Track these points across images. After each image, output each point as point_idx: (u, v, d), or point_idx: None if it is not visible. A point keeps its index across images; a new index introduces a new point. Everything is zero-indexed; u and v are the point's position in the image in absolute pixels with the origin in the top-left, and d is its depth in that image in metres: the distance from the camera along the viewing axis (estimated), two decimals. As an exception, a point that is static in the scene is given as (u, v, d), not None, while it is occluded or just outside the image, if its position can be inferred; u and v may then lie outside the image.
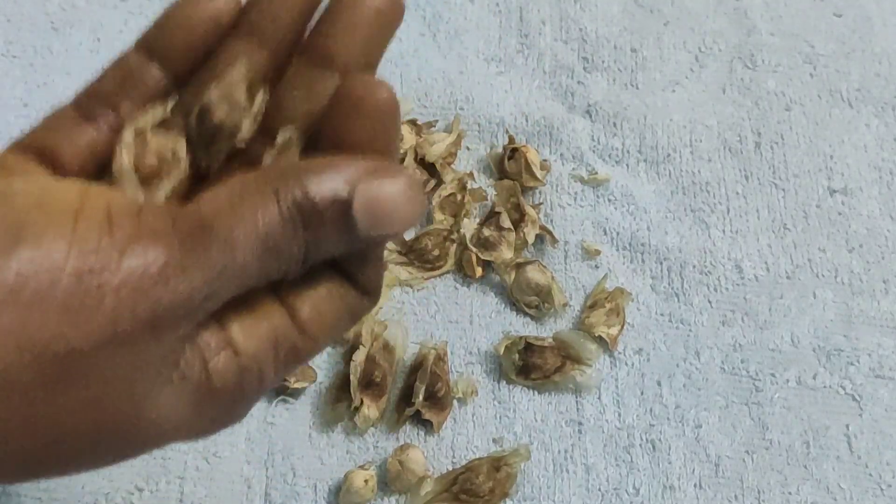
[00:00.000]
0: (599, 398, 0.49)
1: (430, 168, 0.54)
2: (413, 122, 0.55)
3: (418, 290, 0.52)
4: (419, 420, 0.48)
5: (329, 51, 0.30)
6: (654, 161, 0.56)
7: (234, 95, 0.30)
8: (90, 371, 0.24)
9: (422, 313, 0.51)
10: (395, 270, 0.51)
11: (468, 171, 0.54)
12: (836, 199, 0.55)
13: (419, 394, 0.47)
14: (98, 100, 0.31)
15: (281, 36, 0.31)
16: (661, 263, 0.53)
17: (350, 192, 0.27)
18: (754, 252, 0.53)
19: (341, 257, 0.29)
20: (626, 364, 0.50)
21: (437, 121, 0.56)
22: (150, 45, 0.32)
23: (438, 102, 0.57)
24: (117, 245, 0.24)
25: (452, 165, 0.55)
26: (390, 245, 0.52)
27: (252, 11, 0.31)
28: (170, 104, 0.30)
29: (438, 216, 0.53)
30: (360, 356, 0.47)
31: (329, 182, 0.27)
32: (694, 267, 0.53)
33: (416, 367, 0.48)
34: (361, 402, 0.47)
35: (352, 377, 0.47)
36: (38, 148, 0.30)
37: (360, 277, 0.30)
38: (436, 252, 0.51)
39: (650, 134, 0.56)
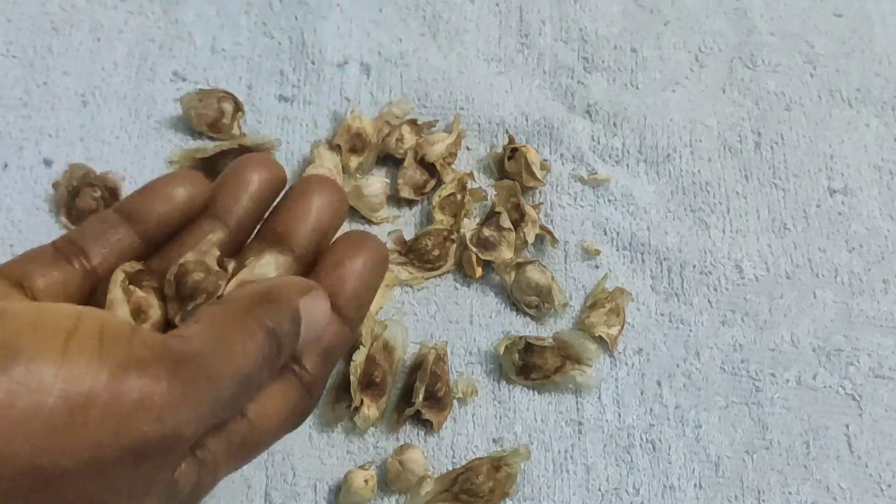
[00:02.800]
0: (599, 398, 0.49)
1: (430, 168, 0.54)
2: (413, 122, 0.55)
3: (418, 290, 0.52)
4: (419, 420, 0.48)
5: (282, 234, 0.35)
6: (654, 161, 0.56)
7: (206, 261, 0.34)
8: (70, 490, 0.25)
9: (422, 313, 0.51)
10: (395, 270, 0.51)
11: (468, 171, 0.54)
12: (836, 199, 0.55)
13: (419, 394, 0.47)
14: (75, 246, 0.33)
15: (240, 220, 0.35)
16: (661, 263, 0.53)
17: (297, 311, 0.31)
18: (754, 252, 0.53)
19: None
20: (626, 364, 0.50)
21: (437, 121, 0.56)
22: (128, 209, 0.34)
23: (438, 102, 0.57)
24: (107, 370, 0.25)
25: (452, 165, 0.55)
26: (390, 245, 0.52)
27: (218, 197, 0.35)
28: (141, 266, 0.34)
29: (438, 216, 0.53)
30: (360, 356, 0.47)
31: (288, 307, 0.31)
32: (694, 267, 0.53)
33: (416, 367, 0.48)
34: (361, 402, 0.47)
35: (352, 377, 0.47)
36: (17, 276, 0.31)
37: (309, 371, 0.33)
38: (436, 252, 0.51)
39: (650, 134, 0.56)
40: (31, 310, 0.26)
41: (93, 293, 0.33)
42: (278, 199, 0.36)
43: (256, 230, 0.36)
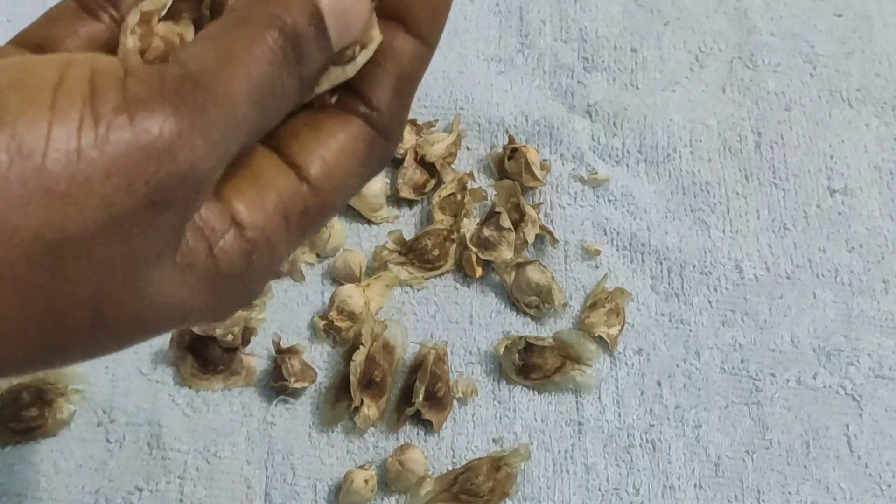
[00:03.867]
0: (599, 398, 0.49)
1: (430, 168, 0.54)
2: (413, 122, 0.55)
3: (418, 290, 0.52)
4: (419, 420, 0.48)
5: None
6: (654, 161, 0.56)
7: None
8: (86, 258, 0.23)
9: (422, 313, 0.51)
10: (395, 270, 0.51)
11: (468, 171, 0.54)
12: (836, 199, 0.55)
13: (419, 394, 0.47)
14: None
15: None
16: (661, 263, 0.53)
17: (317, 7, 0.25)
18: (754, 252, 0.53)
19: (357, 82, 0.28)
20: (626, 364, 0.50)
21: (437, 121, 0.56)
22: None
23: (438, 102, 0.57)
24: (102, 119, 0.22)
25: (452, 165, 0.55)
26: (390, 245, 0.52)
27: None
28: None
29: (438, 216, 0.53)
30: (360, 356, 0.47)
31: (301, 4, 0.25)
32: (694, 267, 0.53)
33: (416, 367, 0.48)
34: (361, 402, 0.47)
35: (352, 377, 0.47)
36: (38, 41, 0.28)
37: (379, 108, 0.28)
38: (436, 252, 0.51)
39: (650, 134, 0.56)
40: (14, 65, 0.23)
41: None
42: None
43: None
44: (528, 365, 0.49)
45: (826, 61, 0.59)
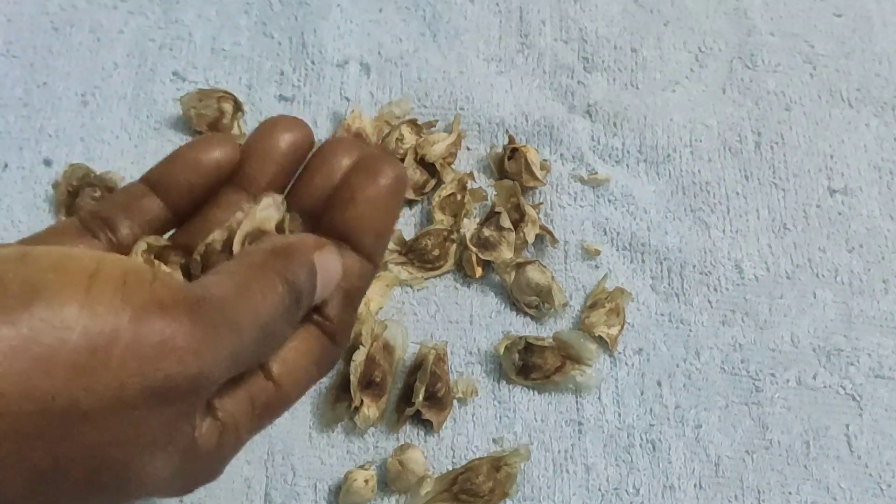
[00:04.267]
0: (599, 398, 0.49)
1: (430, 168, 0.54)
2: (413, 122, 0.55)
3: (418, 290, 0.52)
4: (419, 420, 0.48)
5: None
6: (654, 161, 0.56)
7: (233, 239, 0.33)
8: (91, 430, 0.25)
9: (422, 313, 0.51)
10: (395, 270, 0.51)
11: (468, 171, 0.54)
12: (836, 199, 0.55)
13: (419, 394, 0.47)
14: (101, 219, 0.32)
15: (267, 187, 0.34)
16: (661, 263, 0.53)
17: (314, 266, 0.30)
18: (754, 252, 0.53)
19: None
20: (626, 364, 0.50)
21: (437, 121, 0.56)
22: (155, 179, 0.33)
23: (438, 102, 0.57)
24: (130, 310, 0.25)
25: (452, 165, 0.55)
26: (390, 245, 0.52)
27: (245, 164, 0.34)
28: (167, 242, 0.33)
29: (438, 216, 0.53)
30: (360, 356, 0.47)
31: (304, 261, 0.30)
32: (694, 267, 0.53)
33: (416, 367, 0.48)
34: (361, 402, 0.47)
35: (352, 377, 0.47)
36: None
37: (331, 318, 0.32)
38: (436, 252, 0.51)
39: (650, 134, 0.56)
40: (54, 252, 0.26)
41: None
42: (305, 162, 0.35)
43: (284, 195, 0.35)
44: (528, 365, 0.49)
45: (826, 61, 0.59)
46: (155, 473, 0.27)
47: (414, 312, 0.51)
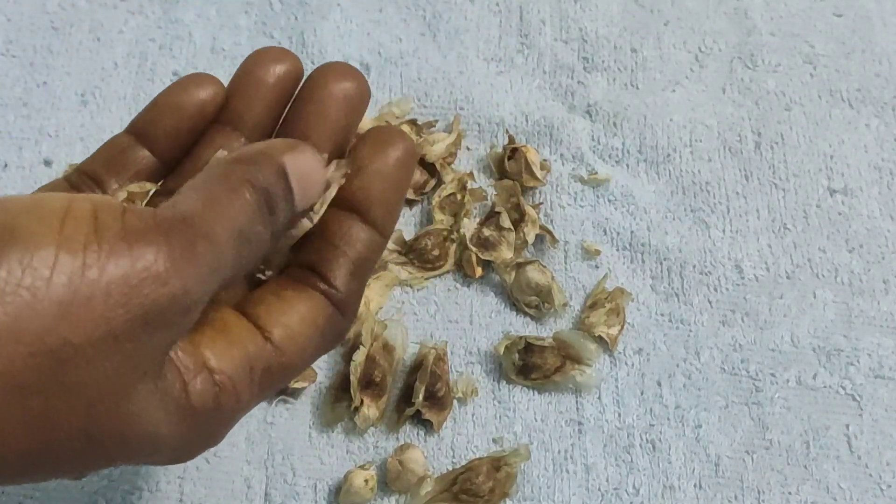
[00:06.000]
0: (599, 398, 0.49)
1: (430, 168, 0.54)
2: (413, 122, 0.55)
3: (418, 290, 0.52)
4: (419, 420, 0.48)
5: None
6: (654, 161, 0.56)
7: None
8: (84, 368, 0.25)
9: (422, 313, 0.51)
10: (395, 270, 0.51)
11: (468, 171, 0.54)
12: (836, 199, 0.55)
13: (419, 394, 0.47)
14: (87, 176, 0.32)
15: (257, 125, 0.34)
16: (661, 263, 0.53)
17: (283, 167, 0.30)
18: (754, 252, 0.53)
19: (319, 263, 0.32)
20: (626, 364, 0.50)
21: (437, 121, 0.56)
22: (139, 128, 0.33)
23: (438, 102, 0.57)
24: (106, 244, 0.25)
25: (452, 165, 0.55)
26: (390, 245, 0.52)
27: (231, 101, 0.33)
28: (155, 187, 0.33)
29: (438, 216, 0.53)
30: (360, 356, 0.47)
31: (273, 164, 0.29)
32: (694, 267, 0.53)
33: (416, 367, 0.48)
34: (361, 402, 0.47)
35: (352, 377, 0.47)
36: None
37: (338, 287, 0.32)
38: (436, 252, 0.51)
39: (650, 134, 0.56)
40: (24, 198, 0.27)
41: None
42: (296, 94, 0.34)
43: (275, 132, 0.35)
44: (528, 365, 0.49)
45: (826, 61, 0.59)
46: (154, 420, 0.27)
47: (414, 312, 0.51)
